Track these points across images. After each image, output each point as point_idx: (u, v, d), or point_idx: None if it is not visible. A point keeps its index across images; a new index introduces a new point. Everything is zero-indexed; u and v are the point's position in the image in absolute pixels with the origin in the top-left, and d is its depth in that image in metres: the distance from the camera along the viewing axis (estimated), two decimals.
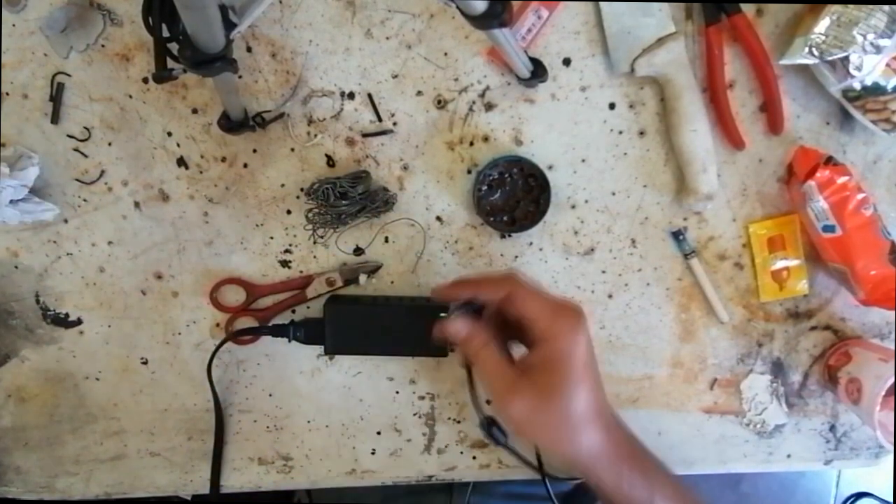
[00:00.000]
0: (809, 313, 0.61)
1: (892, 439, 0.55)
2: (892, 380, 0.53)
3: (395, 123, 0.58)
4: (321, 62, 0.56)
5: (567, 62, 0.56)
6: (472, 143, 0.58)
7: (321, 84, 0.57)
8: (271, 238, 0.60)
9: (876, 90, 0.51)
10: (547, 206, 0.57)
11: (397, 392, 0.64)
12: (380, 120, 0.58)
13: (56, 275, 0.62)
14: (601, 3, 0.54)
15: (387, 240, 0.60)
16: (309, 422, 0.65)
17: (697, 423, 0.63)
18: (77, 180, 0.59)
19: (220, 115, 0.54)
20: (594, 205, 0.59)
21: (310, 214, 0.59)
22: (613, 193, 0.59)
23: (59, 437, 0.65)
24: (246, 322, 0.62)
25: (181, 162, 0.59)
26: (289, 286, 0.61)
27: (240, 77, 0.56)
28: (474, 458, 0.65)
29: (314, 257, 0.61)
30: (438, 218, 0.60)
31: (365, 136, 0.58)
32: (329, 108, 0.57)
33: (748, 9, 0.53)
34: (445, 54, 0.56)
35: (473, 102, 0.57)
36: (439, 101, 0.57)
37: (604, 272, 0.60)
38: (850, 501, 1.36)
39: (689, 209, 0.58)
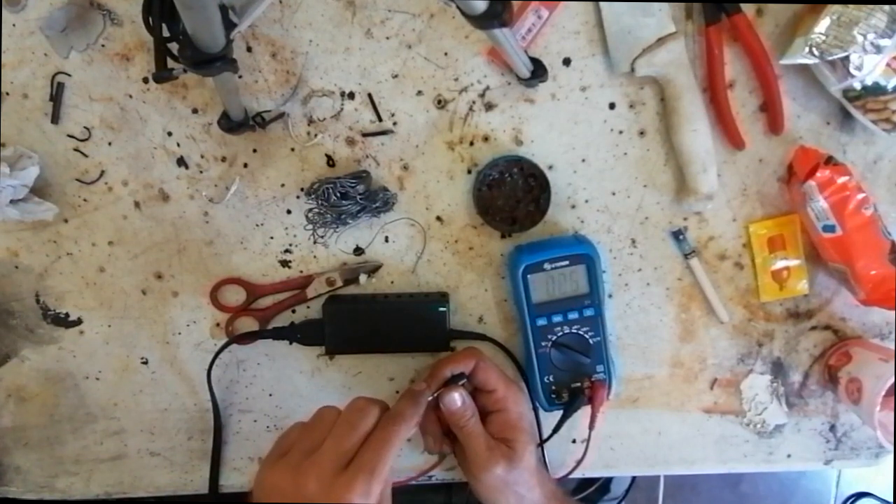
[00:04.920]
0: (809, 313, 0.61)
1: (892, 439, 0.55)
2: (892, 380, 0.53)
3: (395, 123, 0.58)
4: (321, 62, 0.56)
5: (567, 62, 0.56)
6: (472, 143, 0.58)
7: (321, 84, 0.57)
8: (271, 238, 0.60)
9: (876, 90, 0.51)
10: (547, 206, 0.57)
11: (397, 392, 0.63)
12: (380, 120, 0.58)
13: (56, 275, 0.62)
14: (601, 3, 0.54)
15: (387, 240, 0.60)
16: None
17: (697, 423, 0.63)
18: (77, 180, 0.59)
19: (220, 115, 0.54)
20: (594, 205, 0.59)
21: (310, 214, 0.59)
22: (613, 193, 0.59)
23: (59, 436, 0.65)
24: (246, 322, 0.62)
25: (181, 162, 0.59)
26: (289, 286, 0.61)
27: (240, 77, 0.56)
28: None
29: (314, 257, 0.61)
30: (438, 218, 0.60)
31: (365, 135, 0.58)
32: (329, 108, 0.57)
33: (748, 9, 0.53)
34: (445, 54, 0.56)
35: (473, 102, 0.57)
36: (439, 101, 0.57)
37: (604, 272, 0.60)
38: (850, 501, 1.35)
39: (689, 209, 0.58)
